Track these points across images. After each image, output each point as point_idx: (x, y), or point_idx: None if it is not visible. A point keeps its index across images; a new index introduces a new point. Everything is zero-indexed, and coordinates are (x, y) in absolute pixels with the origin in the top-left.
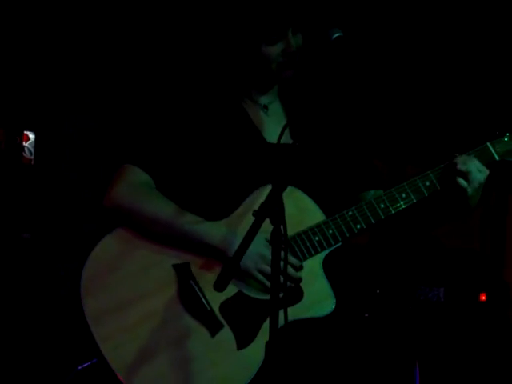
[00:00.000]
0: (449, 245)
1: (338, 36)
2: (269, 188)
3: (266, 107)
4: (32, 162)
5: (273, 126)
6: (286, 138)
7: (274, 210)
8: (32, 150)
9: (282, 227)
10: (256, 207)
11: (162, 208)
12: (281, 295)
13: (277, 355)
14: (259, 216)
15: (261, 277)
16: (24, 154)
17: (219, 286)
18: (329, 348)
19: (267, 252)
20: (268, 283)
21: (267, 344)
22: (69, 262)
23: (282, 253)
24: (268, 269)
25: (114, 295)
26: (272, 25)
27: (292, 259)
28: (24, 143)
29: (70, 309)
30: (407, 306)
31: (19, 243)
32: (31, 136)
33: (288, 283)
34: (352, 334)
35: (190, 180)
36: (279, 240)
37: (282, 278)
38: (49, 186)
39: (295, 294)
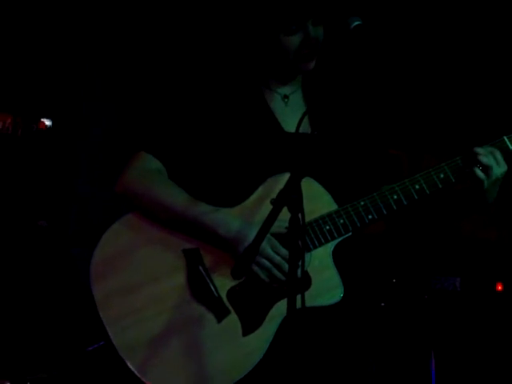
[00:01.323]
0: (465, 234)
1: (357, 24)
2: (284, 177)
3: (286, 97)
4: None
5: (292, 116)
6: (305, 128)
7: (292, 198)
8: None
9: (300, 215)
10: (270, 195)
11: (173, 195)
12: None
13: (293, 340)
14: (277, 204)
15: (268, 264)
16: (41, 141)
17: (237, 274)
18: (344, 336)
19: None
20: (276, 272)
21: (285, 328)
22: (84, 249)
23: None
24: (276, 258)
25: (123, 279)
26: (291, 15)
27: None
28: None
29: (84, 296)
30: (423, 296)
31: (35, 231)
32: (48, 123)
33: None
34: (368, 323)
35: (202, 167)
36: (297, 228)
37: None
38: (65, 174)
39: (303, 282)
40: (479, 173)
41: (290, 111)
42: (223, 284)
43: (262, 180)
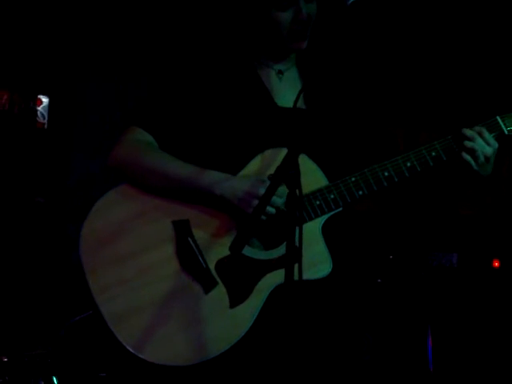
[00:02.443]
0: (461, 211)
1: (354, 0)
2: (281, 151)
3: (281, 72)
4: (45, 127)
5: (286, 91)
6: (300, 104)
7: (289, 173)
8: (45, 114)
9: (297, 191)
10: (260, 170)
11: (165, 160)
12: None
13: (286, 312)
14: (275, 179)
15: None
16: (37, 118)
17: (235, 249)
18: (340, 311)
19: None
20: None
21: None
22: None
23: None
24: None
25: (112, 249)
26: None
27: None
28: (37, 107)
29: (80, 272)
30: (420, 272)
31: (33, 207)
32: (44, 100)
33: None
34: (364, 299)
35: (194, 141)
36: (294, 203)
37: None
38: (62, 150)
39: (294, 256)
40: (465, 156)
41: (283, 86)
42: (212, 256)
43: (254, 154)
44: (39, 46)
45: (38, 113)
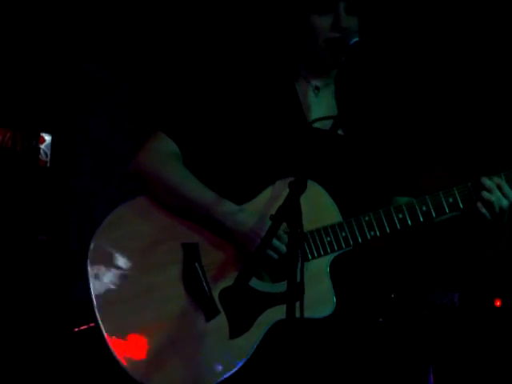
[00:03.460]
0: (463, 250)
1: (356, 41)
2: (285, 183)
3: (317, 88)
4: (48, 165)
5: (319, 109)
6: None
7: (291, 214)
8: (48, 152)
9: (299, 231)
10: (269, 203)
11: (184, 181)
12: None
13: (285, 349)
14: (276, 220)
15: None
16: (40, 157)
17: (239, 285)
18: (342, 352)
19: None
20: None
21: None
22: (84, 264)
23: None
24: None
25: (120, 265)
26: None
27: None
28: (40, 145)
29: (84, 311)
30: (422, 311)
31: (35, 245)
32: (47, 138)
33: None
34: (366, 338)
35: (217, 154)
36: (296, 243)
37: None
38: (64, 188)
39: (298, 292)
40: (480, 207)
41: (318, 103)
42: (217, 284)
43: (277, 174)
44: (42, 85)
45: (41, 151)
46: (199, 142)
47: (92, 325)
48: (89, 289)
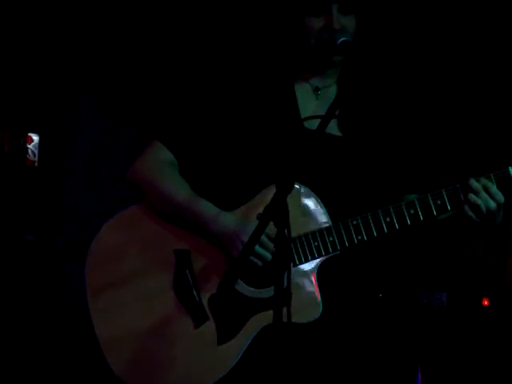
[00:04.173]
0: (451, 250)
1: (343, 40)
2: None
3: (318, 89)
4: (36, 164)
5: (319, 110)
6: (332, 128)
7: (278, 213)
8: (36, 152)
9: (286, 231)
10: (260, 205)
11: (176, 187)
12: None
13: (274, 354)
14: (263, 219)
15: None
16: (28, 156)
17: (224, 288)
18: (330, 352)
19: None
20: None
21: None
22: (72, 264)
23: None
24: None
25: (116, 272)
26: None
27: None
28: (28, 145)
29: (72, 312)
30: (409, 311)
31: (23, 245)
32: (35, 138)
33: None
34: (354, 339)
35: (213, 163)
36: (283, 243)
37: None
38: (52, 188)
39: (285, 297)
40: (467, 209)
41: (319, 105)
42: (207, 290)
43: (272, 178)
44: (29, 85)
45: (29, 151)
46: (195, 150)
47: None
48: (85, 295)
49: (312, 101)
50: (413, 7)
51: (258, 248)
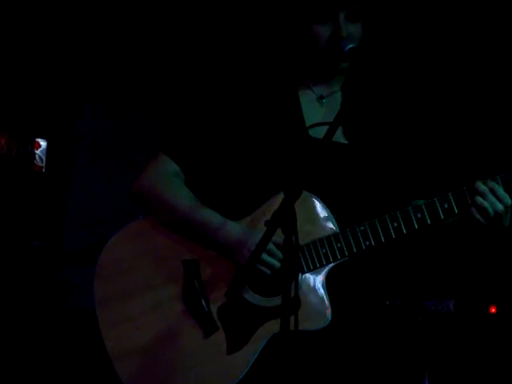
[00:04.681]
0: (458, 257)
1: (351, 47)
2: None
3: (322, 98)
4: (43, 170)
5: (323, 119)
6: (338, 136)
7: (286, 220)
8: (43, 157)
9: (293, 237)
10: (266, 213)
11: (182, 199)
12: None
13: (282, 362)
14: (271, 226)
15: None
16: (35, 162)
17: (230, 296)
18: (338, 359)
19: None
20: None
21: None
22: (78, 269)
23: None
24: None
25: (124, 283)
26: (320, 1)
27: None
28: (35, 151)
29: (77, 317)
30: (417, 318)
31: (29, 251)
32: (43, 143)
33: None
34: (361, 344)
35: (219, 171)
36: (291, 250)
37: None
38: (59, 193)
39: (294, 305)
40: (474, 212)
41: (324, 113)
42: (216, 300)
43: (278, 187)
44: (37, 90)
45: (36, 156)
46: (200, 161)
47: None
48: (94, 308)
49: (316, 109)
50: (418, 14)
51: (265, 256)
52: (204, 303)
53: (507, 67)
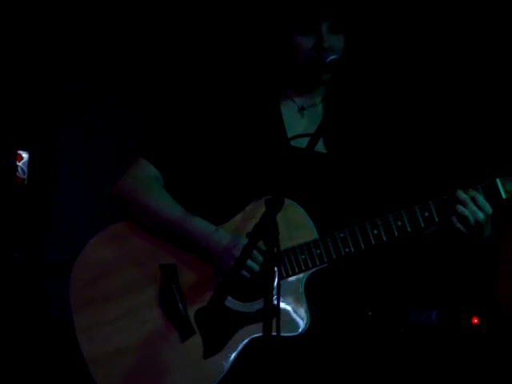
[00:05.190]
0: (441, 267)
1: (332, 58)
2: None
3: (303, 109)
4: (25, 182)
5: (305, 130)
6: (319, 146)
7: (267, 231)
8: (25, 169)
9: (275, 249)
10: (250, 220)
11: (162, 203)
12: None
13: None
14: (253, 237)
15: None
16: (17, 174)
17: (214, 305)
18: (319, 368)
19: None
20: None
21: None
22: (61, 282)
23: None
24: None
25: (100, 287)
26: (304, 12)
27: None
28: (17, 163)
29: (60, 329)
30: (399, 329)
31: (12, 263)
32: (24, 155)
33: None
34: (343, 355)
35: (199, 177)
36: (272, 260)
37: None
38: (42, 205)
39: (272, 311)
40: (455, 220)
41: (305, 124)
42: (193, 304)
43: (256, 194)
44: (18, 102)
45: (18, 168)
46: (179, 166)
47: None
48: (71, 313)
49: (297, 119)
50: (399, 28)
51: (247, 260)
52: (181, 307)
53: (487, 83)
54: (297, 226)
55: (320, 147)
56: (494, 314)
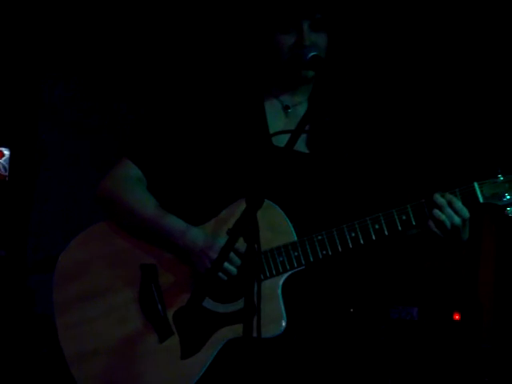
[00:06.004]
0: (422, 264)
1: (313, 54)
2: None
3: (288, 107)
4: (6, 179)
5: (288, 128)
6: (300, 145)
7: (247, 228)
8: (7, 166)
9: (256, 246)
10: (231, 220)
11: (142, 203)
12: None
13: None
14: (233, 234)
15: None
16: None
17: (192, 306)
18: (300, 367)
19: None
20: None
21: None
22: (42, 278)
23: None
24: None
25: (83, 287)
26: (285, 11)
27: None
28: None
29: (43, 325)
30: (380, 325)
31: None
32: (6, 152)
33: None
34: (324, 352)
35: (181, 177)
36: (252, 258)
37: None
38: (23, 202)
39: (250, 311)
40: (431, 224)
41: (288, 123)
42: (172, 304)
43: (239, 194)
44: None
45: (0, 165)
46: (162, 166)
47: None
48: (52, 311)
49: (281, 118)
50: (384, 25)
51: (224, 263)
52: (160, 308)
53: (467, 85)
54: (276, 228)
55: (302, 147)
56: (475, 311)
